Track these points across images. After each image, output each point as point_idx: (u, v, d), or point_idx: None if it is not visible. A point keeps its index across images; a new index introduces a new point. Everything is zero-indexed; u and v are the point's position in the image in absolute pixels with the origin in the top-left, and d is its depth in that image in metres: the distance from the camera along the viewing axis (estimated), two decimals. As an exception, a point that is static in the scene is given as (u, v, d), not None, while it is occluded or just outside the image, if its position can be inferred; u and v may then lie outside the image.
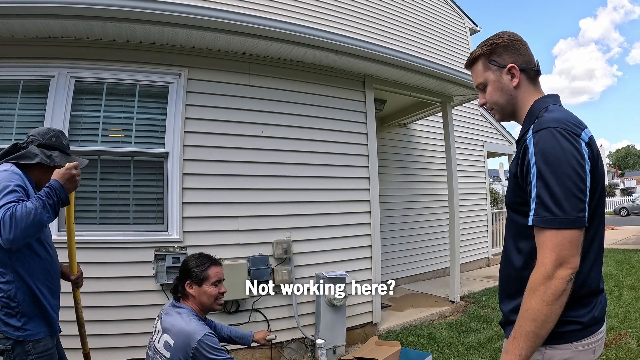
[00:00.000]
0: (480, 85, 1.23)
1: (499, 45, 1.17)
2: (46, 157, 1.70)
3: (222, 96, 3.51)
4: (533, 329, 0.96)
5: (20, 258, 1.59)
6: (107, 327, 2.92)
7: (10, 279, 1.57)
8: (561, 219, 0.96)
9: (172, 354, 1.65)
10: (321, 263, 3.77)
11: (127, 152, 3.24)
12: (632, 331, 3.57)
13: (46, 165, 1.70)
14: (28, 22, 2.85)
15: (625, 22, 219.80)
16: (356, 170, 4.12)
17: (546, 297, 0.95)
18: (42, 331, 1.66)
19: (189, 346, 1.62)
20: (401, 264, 6.06)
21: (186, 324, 1.69)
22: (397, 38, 6.51)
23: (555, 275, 0.95)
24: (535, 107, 1.14)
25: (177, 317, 1.74)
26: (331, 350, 3.53)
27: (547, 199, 0.97)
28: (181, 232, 3.22)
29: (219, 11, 3.18)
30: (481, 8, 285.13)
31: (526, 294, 0.99)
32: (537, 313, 0.96)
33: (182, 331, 1.67)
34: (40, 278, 1.67)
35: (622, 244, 9.47)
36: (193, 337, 1.63)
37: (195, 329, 1.66)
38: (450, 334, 3.88)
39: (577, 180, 0.97)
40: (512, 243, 1.15)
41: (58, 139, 1.81)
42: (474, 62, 1.23)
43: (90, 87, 3.21)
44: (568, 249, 0.96)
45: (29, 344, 1.63)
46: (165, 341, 1.69)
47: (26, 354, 1.61)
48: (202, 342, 1.62)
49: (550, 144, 0.99)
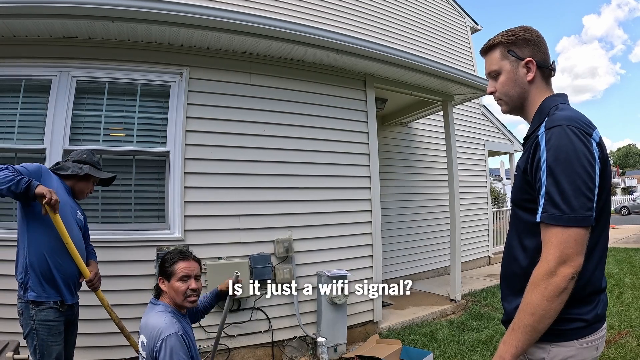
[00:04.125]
0: (493, 72, 1.21)
1: (520, 37, 1.16)
2: (77, 169, 2.20)
3: (224, 95, 3.52)
4: (531, 322, 0.98)
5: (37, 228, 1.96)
6: (108, 325, 2.92)
7: (25, 245, 1.95)
8: (569, 217, 0.96)
9: (147, 354, 1.58)
10: (322, 261, 3.78)
11: (129, 151, 3.25)
12: (632, 330, 3.58)
13: (78, 175, 2.20)
14: (30, 21, 2.86)
15: (629, 20, 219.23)
16: (357, 169, 4.12)
17: (547, 293, 0.96)
18: (44, 296, 1.95)
19: (155, 344, 1.55)
20: (402, 262, 6.06)
21: (156, 320, 1.62)
22: (398, 37, 6.51)
23: (558, 272, 0.96)
24: (545, 105, 1.14)
25: (150, 315, 1.68)
26: (332, 348, 3.54)
27: (556, 196, 0.97)
28: (183, 230, 3.23)
29: (220, 10, 3.18)
30: (482, 6, 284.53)
31: (528, 288, 1.01)
32: (537, 308, 0.97)
33: (152, 328, 1.60)
34: (56, 250, 1.99)
35: (622, 242, 9.47)
36: (159, 334, 1.55)
37: (163, 327, 1.57)
38: (451, 333, 3.89)
39: (587, 179, 0.97)
40: (517, 240, 1.15)
41: (88, 156, 2.30)
42: (492, 49, 1.21)
43: (91, 86, 3.21)
44: (573, 247, 0.96)
45: (32, 310, 1.92)
46: (142, 341, 1.63)
47: (30, 318, 1.93)
48: (164, 342, 1.53)
49: (562, 142, 0.99)
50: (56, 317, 1.98)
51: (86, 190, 2.28)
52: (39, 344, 1.92)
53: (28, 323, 1.93)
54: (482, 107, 8.08)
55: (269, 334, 3.48)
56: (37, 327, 1.92)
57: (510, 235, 1.19)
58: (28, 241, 1.96)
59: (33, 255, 1.95)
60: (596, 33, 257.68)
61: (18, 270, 1.99)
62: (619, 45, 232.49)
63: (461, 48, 7.85)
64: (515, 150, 8.90)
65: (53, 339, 1.96)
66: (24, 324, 1.94)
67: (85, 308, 2.40)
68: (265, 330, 3.47)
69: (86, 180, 2.24)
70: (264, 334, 3.47)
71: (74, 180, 2.21)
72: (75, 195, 2.25)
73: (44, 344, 1.93)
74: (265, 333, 3.47)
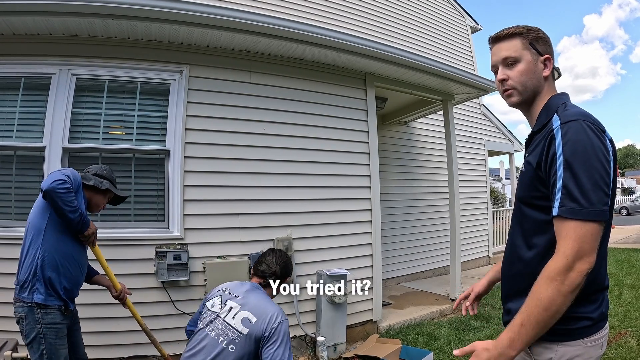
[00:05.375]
0: (511, 59, 1.16)
1: (540, 34, 1.17)
2: (99, 182, 2.21)
3: (224, 94, 3.51)
4: (545, 318, 0.95)
5: (53, 232, 1.94)
6: (108, 324, 2.93)
7: (39, 246, 1.92)
8: (588, 210, 0.95)
9: (251, 330, 1.69)
10: (322, 261, 3.77)
11: (129, 150, 3.24)
12: (632, 330, 3.57)
13: (97, 188, 2.20)
14: (29, 19, 2.85)
15: (630, 20, 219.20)
16: (357, 168, 4.12)
17: (563, 288, 0.94)
18: (51, 299, 1.91)
19: (271, 324, 1.70)
20: (402, 262, 6.07)
21: (270, 304, 1.80)
22: (398, 36, 6.50)
23: (575, 267, 0.94)
24: (553, 102, 1.13)
25: (257, 297, 1.82)
26: (332, 347, 3.54)
27: (575, 189, 0.96)
28: (182, 229, 3.22)
29: (220, 9, 3.17)
30: (482, 5, 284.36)
31: (541, 283, 0.97)
32: (552, 303, 0.95)
33: (266, 308, 1.75)
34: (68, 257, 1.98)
35: (622, 243, 9.47)
36: (276, 316, 1.72)
37: (280, 311, 1.76)
38: (451, 332, 3.89)
39: (603, 173, 0.97)
40: (522, 239, 1.13)
41: (109, 173, 2.32)
42: (511, 37, 1.17)
43: (91, 84, 3.20)
44: (590, 243, 0.95)
45: (38, 313, 1.86)
46: (244, 317, 1.73)
47: (35, 322, 1.86)
48: (282, 324, 1.72)
49: (580, 136, 0.99)
50: (62, 319, 1.95)
51: (101, 205, 2.27)
52: (47, 348, 1.87)
53: (34, 327, 1.86)
54: (483, 107, 8.07)
55: (268, 333, 3.47)
56: (45, 330, 1.86)
57: (514, 234, 1.17)
58: (43, 243, 1.92)
59: (46, 258, 1.91)
60: (597, 33, 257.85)
61: (22, 270, 1.93)
62: (619, 45, 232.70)
63: (461, 47, 7.85)
64: (515, 150, 8.90)
65: (61, 342, 1.93)
66: (29, 328, 1.87)
67: (84, 307, 2.40)
68: (265, 329, 3.46)
69: (103, 195, 2.25)
70: (264, 333, 3.46)
71: (93, 193, 2.20)
72: (90, 208, 2.22)
73: (52, 348, 1.88)
74: (264, 332, 3.46)
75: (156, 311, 3.08)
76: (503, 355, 0.98)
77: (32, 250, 1.92)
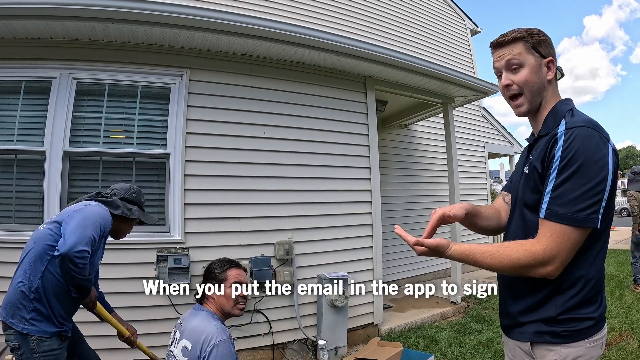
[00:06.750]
0: (515, 64, 1.14)
1: (542, 36, 1.16)
2: (127, 210, 1.96)
3: (224, 97, 3.52)
4: (485, 263, 1.03)
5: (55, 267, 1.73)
6: (108, 328, 2.91)
7: (39, 275, 1.72)
8: (572, 217, 0.97)
9: (189, 359, 1.55)
10: (323, 264, 3.77)
11: (129, 154, 3.24)
12: (633, 332, 3.57)
13: (124, 217, 1.96)
14: (30, 23, 2.85)
15: (631, 21, 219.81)
16: (358, 171, 4.12)
17: (518, 266, 1.01)
18: (47, 331, 1.74)
19: (204, 348, 1.50)
20: (402, 264, 6.05)
21: (205, 325, 1.59)
22: (398, 39, 6.51)
23: (543, 265, 0.99)
24: (560, 108, 1.14)
25: (195, 320, 1.65)
26: (333, 351, 3.53)
27: (564, 194, 0.98)
28: (183, 233, 3.22)
29: (220, 12, 3.18)
30: (482, 7, 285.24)
31: (512, 246, 1.04)
32: (501, 264, 1.02)
33: (200, 332, 1.56)
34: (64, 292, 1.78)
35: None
36: (209, 339, 1.52)
37: (214, 332, 1.55)
38: (452, 335, 3.88)
39: (599, 181, 0.98)
40: None
41: (138, 196, 2.06)
42: (514, 42, 1.15)
43: (92, 88, 3.21)
44: (567, 251, 0.99)
45: (33, 342, 1.70)
46: (183, 346, 1.58)
47: (31, 351, 1.71)
48: (215, 348, 1.49)
49: (582, 143, 1.00)
50: (60, 344, 1.79)
51: (127, 232, 2.07)
52: None
53: (30, 357, 1.70)
54: (482, 109, 8.08)
55: (269, 337, 3.47)
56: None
57: (514, 239, 1.16)
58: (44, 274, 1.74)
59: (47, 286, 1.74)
60: (597, 34, 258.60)
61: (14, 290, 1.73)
62: (619, 46, 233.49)
63: (461, 50, 7.86)
64: (515, 152, 8.89)
65: None
66: (25, 358, 1.71)
67: (82, 309, 2.39)
68: (266, 333, 3.46)
69: (130, 223, 2.04)
70: (264, 337, 3.46)
71: (119, 222, 1.98)
72: (115, 235, 2.03)
73: None
74: (265, 336, 3.46)
75: (157, 315, 3.08)
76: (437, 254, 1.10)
77: (28, 274, 1.73)
